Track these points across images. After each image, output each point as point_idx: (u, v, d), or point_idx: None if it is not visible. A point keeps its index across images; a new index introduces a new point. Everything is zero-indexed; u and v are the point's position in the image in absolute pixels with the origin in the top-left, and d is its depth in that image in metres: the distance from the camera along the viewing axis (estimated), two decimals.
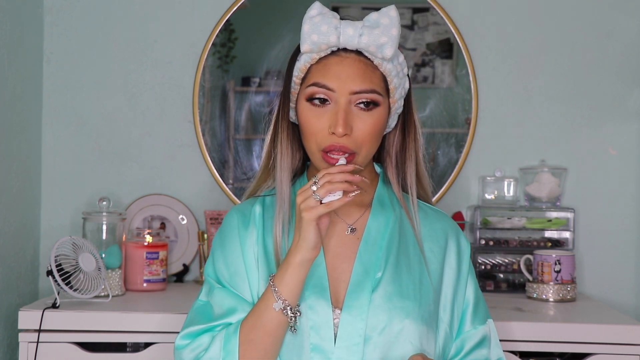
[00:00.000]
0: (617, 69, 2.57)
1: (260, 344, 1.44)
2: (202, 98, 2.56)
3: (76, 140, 2.55)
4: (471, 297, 1.58)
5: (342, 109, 1.46)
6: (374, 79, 1.49)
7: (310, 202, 1.39)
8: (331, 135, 1.46)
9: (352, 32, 1.47)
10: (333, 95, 1.47)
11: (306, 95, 1.49)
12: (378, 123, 1.49)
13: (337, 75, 1.47)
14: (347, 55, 1.49)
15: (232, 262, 1.55)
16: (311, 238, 1.40)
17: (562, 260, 2.28)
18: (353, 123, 1.47)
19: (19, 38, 2.32)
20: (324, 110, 1.48)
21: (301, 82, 1.52)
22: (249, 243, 1.55)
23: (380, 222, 1.56)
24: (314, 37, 1.47)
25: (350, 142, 1.47)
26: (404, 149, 1.58)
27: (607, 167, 2.57)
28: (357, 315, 1.46)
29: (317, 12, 1.49)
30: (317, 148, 1.49)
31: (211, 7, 2.56)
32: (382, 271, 1.50)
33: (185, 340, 1.51)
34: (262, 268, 1.53)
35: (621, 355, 1.98)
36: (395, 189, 1.59)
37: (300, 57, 1.52)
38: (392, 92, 1.52)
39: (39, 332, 1.98)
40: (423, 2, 2.57)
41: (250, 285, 1.53)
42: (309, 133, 1.49)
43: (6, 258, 2.22)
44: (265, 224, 1.57)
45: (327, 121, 1.47)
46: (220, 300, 1.52)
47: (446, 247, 1.58)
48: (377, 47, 1.47)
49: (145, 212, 2.53)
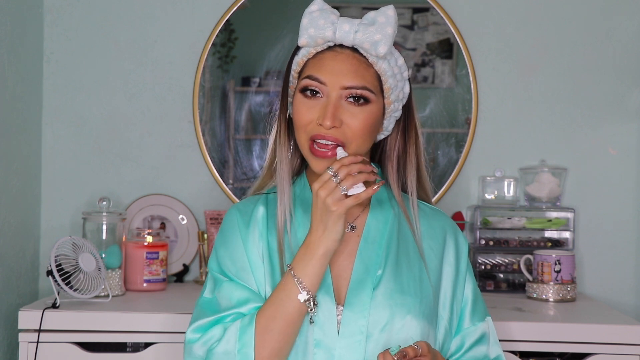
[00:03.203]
0: (617, 69, 2.57)
1: (281, 334, 1.44)
2: (202, 98, 2.56)
3: (76, 140, 2.55)
4: (469, 294, 1.60)
5: (332, 103, 1.48)
6: (366, 76, 1.50)
7: (337, 195, 1.40)
8: (319, 127, 1.48)
9: (348, 28, 1.49)
10: (325, 89, 1.49)
11: (300, 87, 1.52)
12: (369, 119, 1.50)
13: (331, 69, 1.49)
14: (342, 51, 1.51)
15: (237, 258, 1.55)
16: (340, 230, 1.42)
17: (562, 260, 2.28)
18: (342, 117, 1.48)
19: (19, 38, 2.32)
20: (315, 102, 1.50)
21: (298, 76, 1.54)
22: (252, 240, 1.56)
23: (379, 220, 1.57)
24: (311, 30, 1.50)
25: (339, 134, 1.48)
26: (405, 154, 1.59)
27: (607, 167, 2.57)
28: (359, 312, 1.47)
29: (318, 7, 1.52)
30: (306, 138, 1.50)
31: (211, 7, 2.56)
32: (382, 269, 1.51)
33: (197, 334, 1.50)
34: (267, 264, 1.53)
35: (621, 355, 1.99)
36: (394, 187, 1.59)
37: (299, 51, 1.54)
38: (387, 92, 1.53)
39: (39, 332, 1.98)
40: (423, 2, 2.57)
41: (256, 281, 1.53)
42: (300, 124, 1.51)
43: (6, 258, 2.22)
44: (269, 221, 1.57)
45: (317, 113, 1.49)
46: (228, 292, 1.52)
47: (444, 245, 1.60)
48: (371, 44, 1.48)
49: (145, 212, 2.53)
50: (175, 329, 1.97)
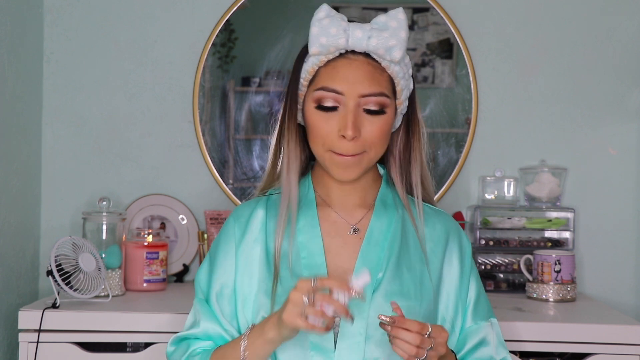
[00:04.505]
0: (617, 69, 2.57)
1: None
2: (202, 98, 2.56)
3: (76, 140, 2.55)
4: (473, 294, 1.59)
5: (351, 112, 1.47)
6: (382, 81, 1.49)
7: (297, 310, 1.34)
8: (340, 138, 1.47)
9: (361, 34, 1.47)
10: (342, 99, 1.47)
11: (314, 98, 1.50)
12: (386, 125, 1.50)
13: (346, 78, 1.47)
14: (356, 58, 1.49)
15: (219, 277, 1.56)
16: (289, 335, 1.40)
17: (562, 260, 2.28)
18: (361, 126, 1.47)
19: (19, 38, 2.32)
20: (332, 113, 1.48)
21: (308, 84, 1.52)
22: (246, 247, 1.56)
23: (382, 223, 1.56)
24: (323, 39, 1.47)
25: (359, 145, 1.48)
26: (408, 149, 1.59)
27: (607, 167, 2.57)
28: (359, 314, 1.46)
29: (325, 14, 1.49)
30: (324, 150, 1.50)
31: (211, 7, 2.56)
32: (383, 271, 1.51)
33: (172, 347, 1.59)
34: (263, 270, 1.53)
35: (621, 355, 1.98)
36: (399, 189, 1.59)
37: (308, 59, 1.52)
38: (399, 94, 1.53)
39: (39, 332, 1.98)
40: (423, 2, 2.57)
41: (243, 293, 1.54)
42: (318, 136, 1.50)
43: (6, 258, 2.22)
44: (268, 224, 1.57)
45: (336, 124, 1.48)
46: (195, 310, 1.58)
47: (447, 247, 1.59)
48: (385, 50, 1.47)
49: (145, 212, 2.53)
50: (175, 329, 1.97)
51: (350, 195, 1.59)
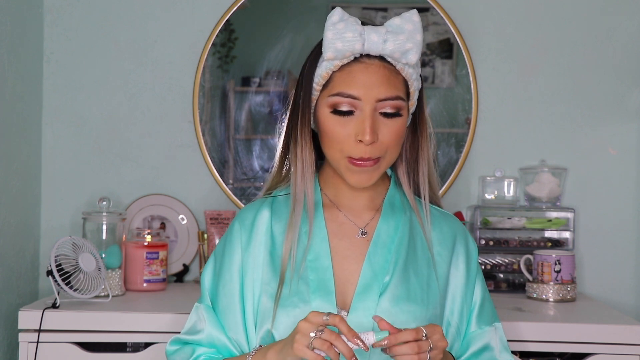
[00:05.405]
0: (617, 69, 2.57)
1: None
2: (202, 98, 2.56)
3: (76, 140, 2.55)
4: (478, 298, 1.58)
5: (369, 117, 1.45)
6: (397, 84, 1.48)
7: (305, 341, 1.32)
8: (357, 142, 1.46)
9: (377, 38, 1.46)
10: (359, 104, 1.46)
11: (329, 104, 1.48)
12: (402, 127, 1.49)
13: (362, 83, 1.46)
14: (372, 62, 1.47)
15: (225, 283, 1.55)
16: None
17: (562, 260, 2.28)
18: (378, 130, 1.46)
19: (19, 38, 2.32)
20: (348, 117, 1.47)
21: (321, 89, 1.50)
22: (253, 250, 1.55)
23: (390, 225, 1.55)
24: (338, 44, 1.46)
25: (376, 149, 1.46)
26: (416, 148, 1.57)
27: (607, 167, 2.57)
28: (364, 317, 1.45)
29: (339, 18, 1.48)
30: (342, 155, 1.48)
31: (211, 7, 2.56)
32: (390, 275, 1.50)
33: (172, 347, 1.58)
34: (267, 272, 1.52)
35: (621, 355, 1.99)
36: (407, 190, 1.58)
37: (321, 63, 1.49)
38: (412, 95, 1.53)
39: (39, 332, 1.98)
40: (423, 2, 2.57)
41: (244, 296, 1.53)
42: (334, 141, 1.48)
43: (6, 258, 2.22)
44: (273, 226, 1.56)
45: (353, 129, 1.46)
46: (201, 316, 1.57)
47: (454, 250, 1.58)
48: (401, 54, 1.46)
49: (145, 212, 2.53)
50: (175, 329, 1.97)
51: (359, 197, 1.57)
